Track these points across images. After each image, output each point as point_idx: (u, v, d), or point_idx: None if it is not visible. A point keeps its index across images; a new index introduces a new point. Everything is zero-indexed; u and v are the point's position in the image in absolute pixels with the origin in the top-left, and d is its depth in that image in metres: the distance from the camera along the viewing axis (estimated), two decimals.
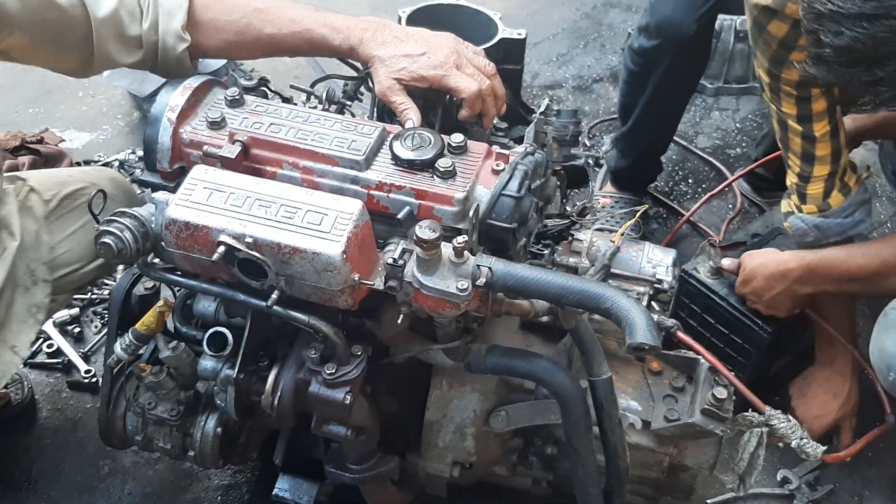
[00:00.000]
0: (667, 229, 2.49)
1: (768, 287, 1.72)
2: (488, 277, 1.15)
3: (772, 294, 1.72)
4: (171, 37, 1.40)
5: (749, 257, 1.78)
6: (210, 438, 1.46)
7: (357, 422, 1.35)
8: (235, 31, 1.42)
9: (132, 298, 1.46)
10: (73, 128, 2.75)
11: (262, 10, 1.40)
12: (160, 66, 1.44)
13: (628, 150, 2.33)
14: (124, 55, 1.41)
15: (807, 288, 1.69)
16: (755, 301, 1.77)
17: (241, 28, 1.41)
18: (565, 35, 3.32)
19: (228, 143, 1.27)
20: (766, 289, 1.73)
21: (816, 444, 1.54)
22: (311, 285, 1.17)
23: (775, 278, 1.70)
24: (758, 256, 1.76)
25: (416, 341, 1.38)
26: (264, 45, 1.43)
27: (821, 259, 1.66)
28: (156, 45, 1.41)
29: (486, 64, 1.43)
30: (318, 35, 1.39)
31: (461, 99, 1.37)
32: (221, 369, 1.30)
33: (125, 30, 1.39)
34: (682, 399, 1.51)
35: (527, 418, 1.47)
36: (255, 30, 1.41)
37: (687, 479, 1.56)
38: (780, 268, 1.69)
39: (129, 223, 1.18)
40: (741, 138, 2.81)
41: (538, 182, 1.35)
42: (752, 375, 1.89)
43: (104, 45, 1.38)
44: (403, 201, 1.24)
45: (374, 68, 1.39)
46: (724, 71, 2.95)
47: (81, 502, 1.78)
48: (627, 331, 1.11)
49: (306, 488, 1.60)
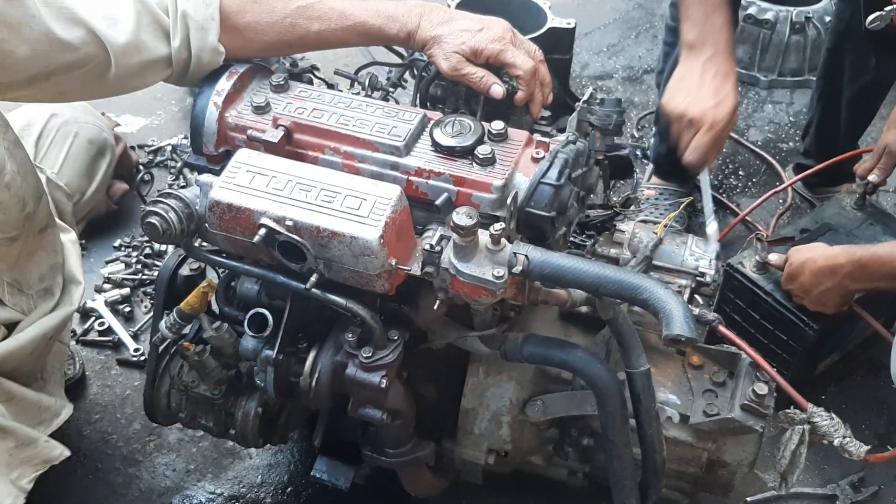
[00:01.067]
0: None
1: (816, 283, 1.68)
2: (524, 265, 1.15)
3: (820, 290, 1.68)
4: (207, 53, 1.35)
5: (796, 252, 1.74)
6: (251, 417, 1.49)
7: (393, 406, 1.36)
8: (278, 32, 1.37)
9: (178, 279, 1.49)
10: (129, 112, 2.81)
11: (305, 7, 1.36)
12: (188, 79, 1.39)
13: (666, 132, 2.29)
14: (150, 76, 1.36)
15: (857, 285, 1.64)
16: (802, 297, 1.73)
17: (285, 28, 1.37)
18: (617, 25, 3.28)
19: (272, 128, 1.29)
20: (813, 284, 1.69)
21: (860, 443, 1.50)
22: (349, 269, 1.18)
23: (824, 274, 1.66)
24: (806, 251, 1.72)
25: (452, 328, 1.39)
26: (311, 42, 1.40)
27: (872, 254, 1.61)
28: (187, 62, 1.35)
29: (535, 49, 1.42)
30: (374, 26, 1.36)
31: (516, 76, 1.37)
32: (261, 350, 1.32)
33: (150, 53, 1.33)
34: (723, 394, 1.49)
35: (563, 408, 1.47)
36: (300, 29, 1.37)
37: (726, 476, 1.54)
38: (829, 263, 1.65)
39: (174, 204, 1.21)
40: (794, 132, 2.75)
41: (579, 171, 1.34)
42: (796, 374, 1.86)
43: (126, 71, 1.31)
44: (442, 188, 1.25)
45: (433, 50, 1.36)
46: (779, 63, 2.89)
47: (128, 475, 1.83)
48: (664, 322, 1.10)
49: (344, 470, 1.62)
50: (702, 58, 1.56)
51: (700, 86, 1.54)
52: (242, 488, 1.81)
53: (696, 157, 1.53)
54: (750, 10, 2.84)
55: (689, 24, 1.59)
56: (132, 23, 1.30)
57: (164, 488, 1.81)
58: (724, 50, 1.57)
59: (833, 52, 2.20)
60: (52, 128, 1.67)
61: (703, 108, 1.51)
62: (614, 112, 1.45)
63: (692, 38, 1.57)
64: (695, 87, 1.53)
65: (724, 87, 1.54)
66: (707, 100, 1.52)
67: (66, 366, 1.89)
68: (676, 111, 1.52)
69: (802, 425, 1.50)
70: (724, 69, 1.56)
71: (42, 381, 1.44)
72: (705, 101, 1.52)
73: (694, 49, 1.57)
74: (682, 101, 1.53)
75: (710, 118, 1.51)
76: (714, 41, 1.56)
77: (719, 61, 1.56)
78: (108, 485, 1.81)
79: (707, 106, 1.51)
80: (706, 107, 1.51)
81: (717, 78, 1.54)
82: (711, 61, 1.55)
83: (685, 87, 1.55)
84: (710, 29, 1.56)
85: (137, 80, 1.36)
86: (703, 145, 1.52)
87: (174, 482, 1.82)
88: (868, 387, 2.02)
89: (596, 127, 1.45)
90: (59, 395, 1.47)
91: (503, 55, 1.35)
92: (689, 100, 1.52)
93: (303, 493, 1.80)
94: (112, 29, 1.28)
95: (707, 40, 1.56)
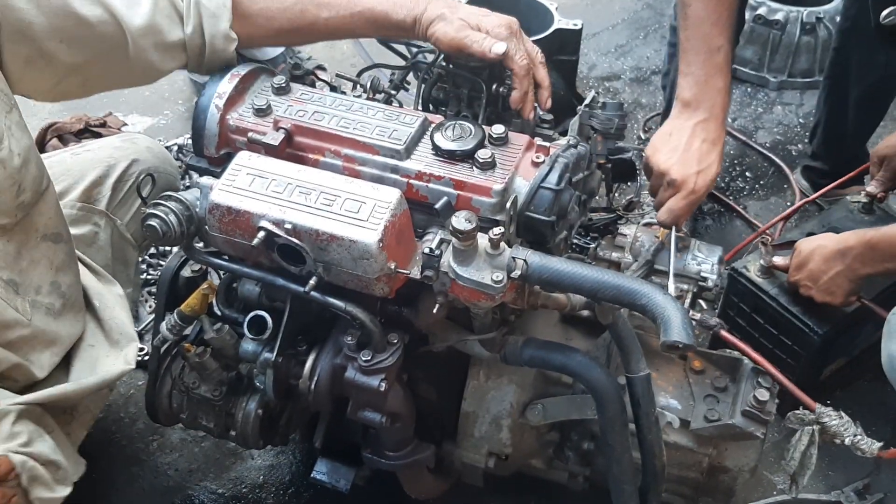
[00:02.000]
0: (721, 226, 2.44)
1: (826, 268, 1.66)
2: (523, 270, 1.15)
3: (829, 276, 1.65)
4: (219, 39, 1.38)
5: (805, 241, 1.72)
6: (251, 419, 1.49)
7: (392, 409, 1.36)
8: (288, 18, 1.40)
9: (179, 280, 1.49)
10: (136, 112, 2.82)
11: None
12: (205, 67, 1.42)
13: None
14: (167, 61, 1.39)
15: (867, 268, 1.61)
16: (810, 287, 1.70)
17: (295, 15, 1.39)
18: (625, 26, 3.27)
19: (273, 131, 1.29)
20: (822, 271, 1.66)
21: (871, 440, 1.48)
22: (348, 272, 1.18)
23: (834, 257, 1.64)
24: (815, 240, 1.70)
25: (453, 331, 1.39)
26: (321, 29, 1.41)
27: (883, 234, 1.58)
28: (201, 49, 1.38)
29: (536, 51, 1.41)
30: (380, 11, 1.37)
31: (511, 69, 1.36)
32: (261, 352, 1.33)
33: (165, 37, 1.36)
34: (724, 399, 1.48)
35: (563, 412, 1.47)
36: (310, 15, 1.39)
37: (727, 481, 1.53)
38: (839, 246, 1.63)
39: (175, 207, 1.22)
40: (803, 134, 2.73)
41: (581, 175, 1.34)
42: (801, 379, 1.83)
43: (144, 54, 1.35)
44: (442, 191, 1.25)
45: (437, 26, 1.36)
46: (789, 64, 2.87)
47: (130, 474, 1.84)
48: (662, 328, 1.09)
49: (344, 472, 1.62)
50: (694, 119, 1.53)
51: (687, 148, 1.51)
52: (244, 489, 1.82)
53: (668, 218, 1.52)
54: (760, 10, 2.82)
55: (688, 82, 1.55)
56: (149, 6, 1.33)
57: (166, 487, 1.82)
58: (719, 115, 1.54)
59: (840, 51, 2.18)
60: (131, 174, 1.66)
61: (685, 173, 1.49)
62: (616, 116, 1.45)
63: (689, 96, 1.54)
64: (681, 149, 1.51)
65: (710, 154, 1.52)
66: (692, 165, 1.50)
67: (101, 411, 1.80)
68: (659, 168, 1.50)
69: (812, 426, 1.49)
70: (713, 136, 1.53)
71: (69, 417, 1.45)
72: (689, 167, 1.50)
73: (688, 108, 1.54)
74: (667, 161, 1.50)
75: (692, 184, 1.49)
76: (710, 105, 1.53)
77: (711, 127, 1.53)
78: (111, 483, 1.82)
79: (690, 171, 1.49)
80: (689, 172, 1.49)
81: (705, 144, 1.51)
82: (703, 125, 1.52)
83: (672, 145, 1.52)
84: (708, 91, 1.53)
85: (155, 66, 1.39)
86: (678, 209, 1.50)
87: (176, 482, 1.83)
88: (875, 392, 2.00)
89: (598, 130, 1.45)
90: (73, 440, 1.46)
91: (507, 42, 1.35)
92: (674, 160, 1.50)
93: (304, 493, 1.80)
94: (130, 10, 1.31)
95: (703, 103, 1.53)
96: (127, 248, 1.70)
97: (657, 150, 1.51)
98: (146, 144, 1.77)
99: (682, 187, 1.48)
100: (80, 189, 1.63)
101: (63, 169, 1.62)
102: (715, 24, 1.53)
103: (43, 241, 1.35)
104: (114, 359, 1.41)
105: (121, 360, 1.40)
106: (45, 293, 1.35)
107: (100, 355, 1.43)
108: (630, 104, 2.86)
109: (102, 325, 1.47)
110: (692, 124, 1.51)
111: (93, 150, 1.72)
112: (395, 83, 1.54)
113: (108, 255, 1.64)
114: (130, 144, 1.75)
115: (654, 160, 1.50)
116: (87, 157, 1.69)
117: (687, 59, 1.56)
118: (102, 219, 1.64)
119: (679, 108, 1.54)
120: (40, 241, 1.34)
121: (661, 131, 1.54)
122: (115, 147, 1.73)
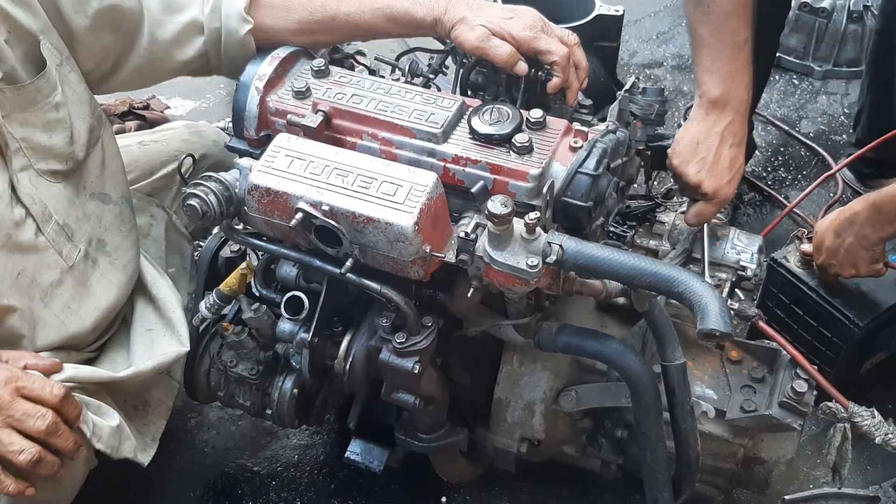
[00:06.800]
0: (762, 216, 2.40)
1: (840, 240, 1.63)
2: (559, 255, 1.14)
3: (845, 247, 1.63)
4: (233, 19, 1.38)
5: (820, 222, 1.70)
6: (287, 398, 1.51)
7: (426, 391, 1.37)
8: (309, 10, 1.39)
9: (219, 260, 1.52)
10: (179, 96, 2.86)
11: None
12: (224, 56, 1.42)
13: None
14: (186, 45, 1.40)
15: (879, 232, 1.58)
16: (833, 264, 1.67)
17: (316, 8, 1.39)
18: (667, 13, 3.22)
19: (311, 113, 1.30)
20: (838, 244, 1.64)
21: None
22: (384, 255, 1.19)
23: (844, 228, 1.61)
24: (827, 217, 1.68)
25: (487, 316, 1.39)
26: (341, 25, 1.40)
27: (886, 194, 1.54)
28: (218, 33, 1.39)
29: (568, 34, 1.40)
30: (401, 9, 1.37)
31: (551, 63, 1.35)
32: (297, 332, 1.34)
33: (183, 15, 1.38)
34: (761, 390, 1.46)
35: (597, 400, 1.46)
36: (330, 9, 1.39)
37: (762, 473, 1.52)
38: (846, 214, 1.61)
39: (215, 187, 1.23)
40: (848, 124, 2.67)
41: (619, 161, 1.33)
42: (841, 372, 1.81)
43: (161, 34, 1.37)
44: (478, 175, 1.24)
45: (459, 29, 1.35)
46: (835, 53, 2.81)
47: (168, 451, 1.86)
48: (699, 316, 1.08)
49: (377, 453, 1.63)
50: (723, 122, 1.50)
51: (717, 160, 1.49)
52: (279, 467, 1.84)
53: (697, 222, 1.53)
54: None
55: (715, 80, 1.51)
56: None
57: (203, 465, 1.85)
58: (744, 112, 1.52)
59: (883, 34, 2.13)
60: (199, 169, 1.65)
61: (718, 185, 1.48)
62: (656, 101, 1.44)
63: (716, 94, 1.50)
64: (711, 160, 1.48)
65: (738, 157, 1.51)
66: (724, 176, 1.49)
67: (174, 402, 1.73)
68: (690, 182, 1.49)
69: (844, 423, 1.47)
70: (740, 136, 1.51)
71: (143, 411, 1.47)
72: (721, 178, 1.49)
73: (716, 107, 1.50)
74: (697, 175, 1.48)
75: (724, 194, 1.49)
76: (737, 104, 1.50)
77: (737, 127, 1.50)
78: None
79: (723, 182, 1.49)
80: (721, 183, 1.49)
81: (733, 149, 1.50)
82: (730, 128, 1.50)
83: (701, 155, 1.49)
84: (735, 88, 1.50)
85: (174, 48, 1.40)
86: (708, 214, 1.51)
87: (213, 459, 1.86)
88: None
89: (637, 116, 1.43)
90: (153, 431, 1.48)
91: (536, 42, 1.34)
92: (705, 174, 1.48)
93: (338, 474, 1.82)
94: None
95: (730, 102, 1.50)
96: (182, 241, 1.71)
97: (686, 161, 1.49)
98: (213, 138, 1.77)
99: (714, 196, 1.48)
100: (147, 182, 1.65)
101: (130, 159, 1.62)
102: (740, 16, 1.50)
103: (91, 198, 1.37)
104: (169, 339, 1.43)
105: (175, 342, 1.42)
106: (94, 248, 1.38)
107: (157, 338, 1.44)
108: (671, 92, 2.82)
109: (158, 308, 1.48)
110: (720, 130, 1.49)
111: (160, 141, 1.73)
112: (434, 67, 1.54)
113: (161, 247, 1.64)
114: (198, 138, 1.75)
115: (682, 171, 1.49)
116: (155, 148, 1.71)
117: (712, 55, 1.52)
118: (159, 211, 1.66)
119: (706, 109, 1.50)
120: (89, 199, 1.37)
121: (688, 138, 1.50)
122: (182, 140, 1.74)
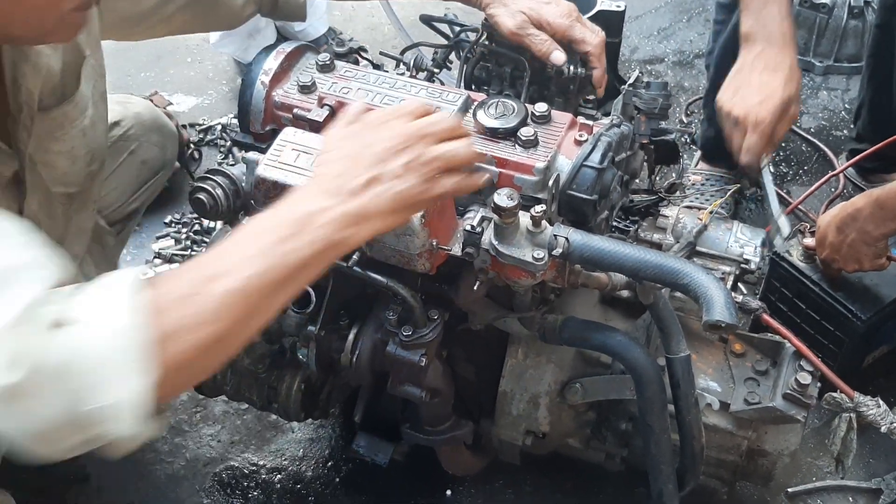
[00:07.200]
0: (764, 211, 2.41)
1: (843, 237, 1.63)
2: (565, 248, 1.15)
3: (847, 243, 1.62)
4: None
5: (822, 217, 1.70)
6: (293, 392, 1.52)
7: (431, 384, 1.38)
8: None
9: None
10: (181, 92, 2.86)
11: None
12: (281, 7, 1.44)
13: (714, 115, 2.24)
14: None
15: (881, 228, 1.58)
16: (836, 259, 1.68)
17: None
18: (669, 9, 3.23)
19: (317, 107, 1.31)
20: (841, 240, 1.64)
21: None
22: (391, 248, 1.20)
23: (846, 223, 1.61)
24: (829, 212, 1.68)
25: (492, 309, 1.40)
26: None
27: (888, 192, 1.54)
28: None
29: (598, 29, 1.42)
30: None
31: (585, 52, 1.37)
32: (304, 326, 1.35)
33: None
34: (765, 383, 1.47)
35: (601, 392, 1.47)
36: None
37: (766, 465, 1.53)
38: (848, 210, 1.60)
39: (221, 181, 1.24)
40: (850, 120, 2.67)
41: (623, 155, 1.34)
42: (843, 366, 1.81)
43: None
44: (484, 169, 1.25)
45: (497, 9, 1.36)
46: (835, 49, 2.81)
47: (174, 444, 1.88)
48: (705, 308, 1.09)
49: (383, 447, 1.64)
50: (754, 52, 1.53)
51: (748, 83, 1.50)
52: (284, 461, 1.85)
53: (749, 159, 1.50)
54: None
55: (746, 15, 1.55)
56: None
57: (208, 458, 1.86)
58: (777, 41, 1.52)
59: (882, 28, 2.13)
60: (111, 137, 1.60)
61: (746, 108, 1.47)
62: (660, 96, 1.44)
63: (747, 29, 1.54)
64: (743, 85, 1.51)
65: (772, 82, 1.50)
66: (752, 97, 1.49)
67: None
68: (724, 109, 1.50)
69: (849, 413, 1.48)
70: (774, 63, 1.51)
71: None
72: (750, 99, 1.49)
73: (748, 41, 1.55)
74: (730, 101, 1.50)
75: (754, 117, 1.47)
76: (767, 33, 1.53)
77: (770, 55, 1.51)
78: (154, 452, 1.87)
79: (751, 104, 1.48)
80: (750, 105, 1.48)
81: (764, 73, 1.50)
82: (761, 56, 1.52)
83: (735, 84, 1.52)
84: (764, 20, 1.53)
85: None
86: (753, 146, 1.49)
87: (219, 453, 1.87)
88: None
89: (641, 110, 1.44)
90: None
91: (572, 31, 1.35)
92: (736, 98, 1.50)
93: (343, 467, 1.83)
94: None
95: (759, 32, 1.53)
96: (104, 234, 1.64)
97: (724, 90, 1.51)
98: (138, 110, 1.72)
99: (746, 123, 1.47)
100: None
101: None
102: None
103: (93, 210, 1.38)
104: None
105: None
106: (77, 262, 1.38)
107: None
108: (673, 87, 2.83)
109: None
110: (752, 58, 1.51)
111: None
112: (438, 62, 1.54)
113: None
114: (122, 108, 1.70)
115: (720, 102, 1.50)
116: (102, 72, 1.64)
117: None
118: None
119: (743, 45, 1.54)
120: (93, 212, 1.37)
121: (729, 77, 1.54)
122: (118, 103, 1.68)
